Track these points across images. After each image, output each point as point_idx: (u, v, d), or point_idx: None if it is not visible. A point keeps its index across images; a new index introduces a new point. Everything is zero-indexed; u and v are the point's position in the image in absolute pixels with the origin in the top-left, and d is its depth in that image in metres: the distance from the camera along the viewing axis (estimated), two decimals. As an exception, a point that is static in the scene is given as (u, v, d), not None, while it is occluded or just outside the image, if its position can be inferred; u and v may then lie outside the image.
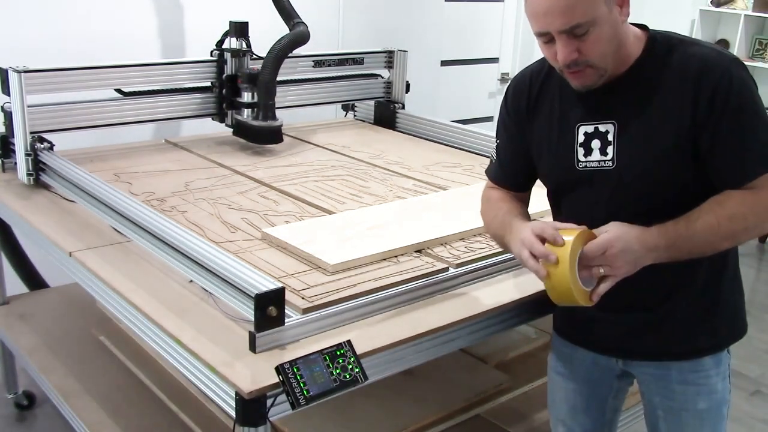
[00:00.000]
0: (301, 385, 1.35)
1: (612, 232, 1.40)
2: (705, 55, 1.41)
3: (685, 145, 1.41)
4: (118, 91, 2.62)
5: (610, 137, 1.48)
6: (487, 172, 1.78)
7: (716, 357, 1.57)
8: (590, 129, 1.50)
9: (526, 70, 1.66)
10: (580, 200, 1.56)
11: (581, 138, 1.51)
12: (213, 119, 2.88)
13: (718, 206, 1.41)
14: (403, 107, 3.25)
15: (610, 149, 1.48)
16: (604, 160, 1.49)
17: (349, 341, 1.45)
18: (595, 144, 1.49)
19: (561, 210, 1.63)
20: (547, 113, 1.58)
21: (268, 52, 2.73)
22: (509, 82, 1.71)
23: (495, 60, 4.96)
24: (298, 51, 2.84)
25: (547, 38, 1.40)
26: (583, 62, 1.39)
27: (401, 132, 3.17)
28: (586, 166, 1.51)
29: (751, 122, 1.39)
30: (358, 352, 1.45)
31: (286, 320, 1.48)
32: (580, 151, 1.51)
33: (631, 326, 1.57)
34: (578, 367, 1.70)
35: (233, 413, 1.39)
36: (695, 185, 1.44)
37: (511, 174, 1.71)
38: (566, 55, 1.38)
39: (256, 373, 1.38)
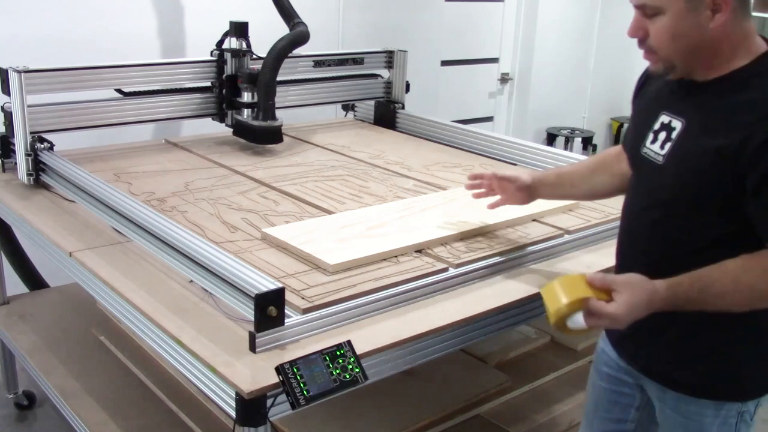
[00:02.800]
0: (301, 385, 1.35)
1: (612, 311, 1.34)
2: None
3: (722, 178, 1.35)
4: (118, 91, 2.62)
5: (674, 135, 1.45)
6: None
7: (717, 404, 1.50)
8: (666, 120, 1.48)
9: None
10: (635, 183, 1.58)
11: (657, 125, 1.49)
12: (213, 119, 2.88)
13: (743, 272, 1.35)
14: (403, 107, 3.25)
15: (667, 146, 1.46)
16: (658, 154, 1.47)
17: (349, 341, 1.45)
18: (661, 136, 1.48)
19: (629, 186, 1.62)
20: (650, 92, 1.58)
21: (268, 52, 2.73)
22: None
23: (495, 60, 4.96)
24: (298, 51, 2.84)
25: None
26: (647, 44, 1.40)
27: (401, 132, 3.17)
28: (646, 153, 1.51)
29: None
30: (358, 352, 1.45)
31: (286, 320, 1.48)
32: (650, 137, 1.50)
33: (644, 342, 1.56)
34: (607, 363, 1.70)
35: (233, 413, 1.39)
36: (732, 210, 1.37)
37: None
38: (632, 28, 1.41)
39: (256, 373, 1.38)
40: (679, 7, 1.34)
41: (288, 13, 2.86)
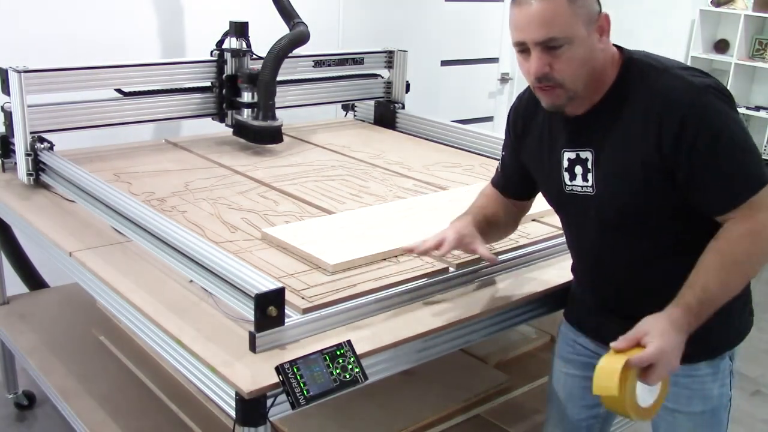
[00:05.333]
0: (301, 385, 1.35)
1: (653, 347, 1.35)
2: (670, 87, 1.39)
3: (658, 178, 1.41)
4: (118, 91, 2.62)
5: (589, 165, 1.50)
6: (492, 181, 1.84)
7: (713, 363, 1.57)
8: (572, 155, 1.53)
9: (524, 92, 1.69)
10: (574, 218, 1.62)
11: (566, 163, 1.54)
12: (213, 119, 2.88)
13: (722, 257, 1.40)
14: (403, 107, 3.25)
15: (590, 176, 1.51)
16: (586, 186, 1.52)
17: (349, 341, 1.45)
18: (578, 170, 1.53)
19: (564, 223, 1.69)
20: (538, 135, 1.62)
21: (268, 52, 2.73)
22: (513, 102, 1.74)
23: (495, 60, 4.96)
24: (298, 51, 2.84)
25: (523, 49, 1.42)
26: (554, 80, 1.41)
27: (401, 132, 3.17)
28: (572, 190, 1.55)
29: (727, 149, 1.37)
30: (358, 352, 1.45)
31: (286, 320, 1.48)
32: (566, 175, 1.55)
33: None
34: (581, 353, 1.72)
35: (233, 413, 1.39)
36: (681, 208, 1.44)
37: (512, 185, 1.78)
38: (538, 67, 1.40)
39: (256, 373, 1.38)
40: (582, 34, 1.39)
41: (288, 13, 2.86)
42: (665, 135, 1.37)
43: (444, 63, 4.52)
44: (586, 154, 1.50)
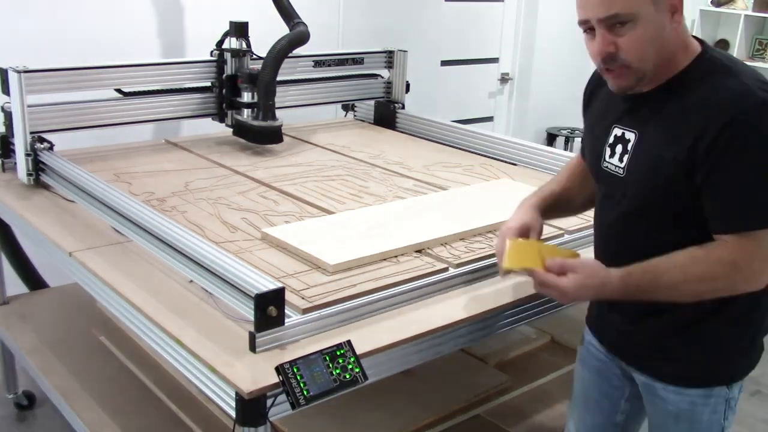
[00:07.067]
0: (301, 385, 1.35)
1: (573, 281, 1.41)
2: (729, 90, 1.32)
3: (683, 177, 1.36)
4: (118, 91, 2.62)
5: (629, 146, 1.46)
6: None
7: (705, 390, 1.50)
8: (619, 132, 1.49)
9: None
10: (604, 197, 1.57)
11: (611, 139, 1.51)
12: (213, 119, 2.88)
13: (692, 263, 1.36)
14: (403, 107, 3.25)
15: (625, 158, 1.47)
16: (619, 167, 1.48)
17: (349, 341, 1.45)
18: (618, 149, 1.49)
19: (597, 200, 1.63)
20: (598, 106, 1.58)
21: (268, 52, 2.73)
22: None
23: (495, 60, 4.96)
24: (298, 51, 2.84)
25: (587, 29, 1.38)
26: (620, 60, 1.36)
27: (401, 132, 3.17)
28: (607, 167, 1.52)
29: (750, 173, 1.30)
30: (358, 352, 1.45)
31: (286, 320, 1.48)
32: (607, 150, 1.51)
33: (628, 332, 1.58)
34: (592, 356, 1.71)
35: (233, 413, 1.39)
36: (699, 213, 1.38)
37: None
38: (602, 47, 1.35)
39: (256, 373, 1.38)
40: (649, 11, 1.33)
41: (288, 13, 2.86)
42: (705, 135, 1.31)
43: (444, 63, 4.52)
44: (630, 136, 1.46)
